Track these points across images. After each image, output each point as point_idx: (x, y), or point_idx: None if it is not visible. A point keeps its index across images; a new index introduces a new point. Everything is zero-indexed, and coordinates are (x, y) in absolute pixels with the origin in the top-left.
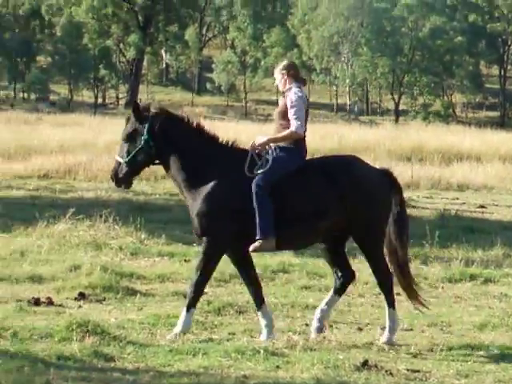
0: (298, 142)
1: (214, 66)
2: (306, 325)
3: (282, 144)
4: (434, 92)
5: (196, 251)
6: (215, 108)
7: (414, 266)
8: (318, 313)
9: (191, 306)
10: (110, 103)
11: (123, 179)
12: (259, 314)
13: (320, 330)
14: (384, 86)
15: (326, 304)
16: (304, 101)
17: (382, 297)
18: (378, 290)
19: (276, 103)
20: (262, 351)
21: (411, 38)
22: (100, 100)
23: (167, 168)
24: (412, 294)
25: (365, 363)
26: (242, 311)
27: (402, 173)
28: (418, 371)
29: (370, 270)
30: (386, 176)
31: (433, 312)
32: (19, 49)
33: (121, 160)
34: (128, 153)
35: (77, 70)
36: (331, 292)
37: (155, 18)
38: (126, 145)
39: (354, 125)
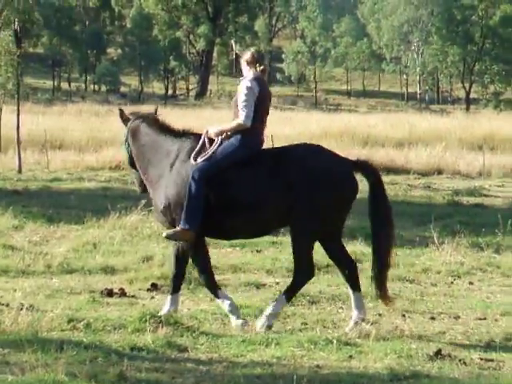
0: (247, 133)
1: (283, 56)
2: (379, 314)
3: (230, 134)
4: (505, 80)
5: (267, 241)
6: (285, 98)
7: (487, 255)
8: (355, 317)
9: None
10: (181, 94)
11: (136, 184)
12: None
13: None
14: (455, 75)
15: (356, 307)
16: (256, 92)
17: (456, 286)
18: (451, 278)
19: (346, 93)
20: (334, 341)
21: (482, 26)
22: (170, 91)
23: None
24: (384, 297)
25: (438, 352)
26: (314, 301)
27: (474, 161)
28: (492, 360)
29: (443, 259)
30: (356, 168)
31: (506, 300)
32: (90, 41)
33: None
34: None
35: (147, 61)
36: (350, 292)
37: (225, 8)
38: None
39: (425, 114)
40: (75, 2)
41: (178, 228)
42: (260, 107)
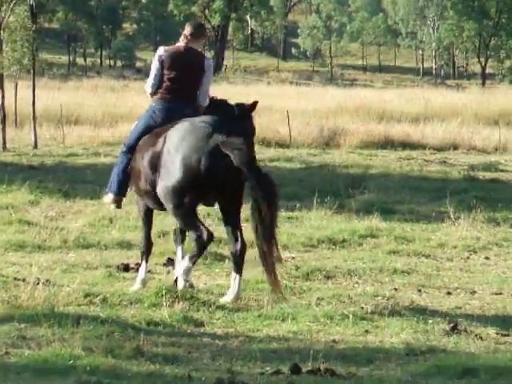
0: (154, 100)
1: (299, 31)
2: (395, 289)
3: None
4: None
5: (283, 216)
6: (301, 73)
7: (503, 230)
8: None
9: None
10: None
11: None
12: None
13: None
14: (470, 50)
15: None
16: (163, 60)
17: (472, 261)
18: (467, 253)
19: (362, 68)
20: (350, 316)
21: (497, 1)
22: None
23: None
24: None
25: (454, 327)
26: (330, 276)
27: (490, 136)
28: (508, 335)
29: (459, 234)
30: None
31: None
32: (105, 16)
33: None
34: None
35: (162, 36)
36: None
37: None
38: None
39: (441, 89)
40: None
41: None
42: (169, 76)
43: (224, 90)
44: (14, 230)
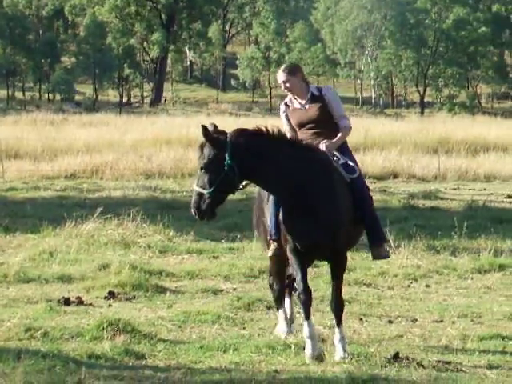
0: None
1: (238, 62)
2: None
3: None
4: (459, 83)
5: (224, 247)
6: (240, 104)
7: (443, 258)
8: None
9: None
10: (135, 102)
11: (208, 210)
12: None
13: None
14: (409, 79)
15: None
16: None
17: (413, 289)
18: (407, 282)
19: None
20: (292, 346)
21: (435, 30)
22: (125, 99)
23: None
24: None
25: (396, 355)
26: (271, 306)
27: (429, 165)
28: (450, 363)
29: (400, 262)
30: None
31: (462, 303)
32: (43, 50)
33: (203, 191)
34: (210, 182)
35: (101, 69)
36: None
37: (178, 15)
38: (207, 174)
39: (380, 118)
40: (28, 11)
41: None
42: None
43: (164, 122)
44: None
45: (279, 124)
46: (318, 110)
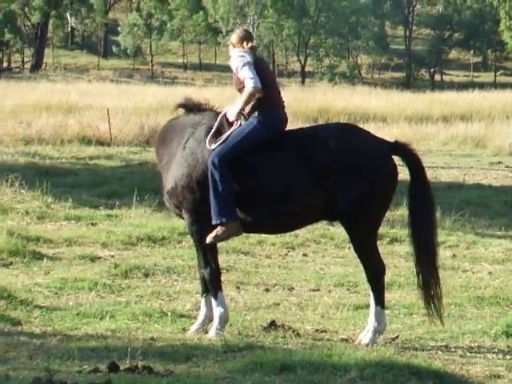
0: (264, 109)
1: (119, 29)
2: None
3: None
4: (339, 53)
5: (102, 215)
6: (122, 71)
7: (321, 227)
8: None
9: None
10: (16, 67)
11: None
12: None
13: None
14: (290, 48)
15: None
16: (250, 59)
17: (291, 258)
18: (285, 250)
19: (183, 66)
20: (169, 313)
21: (317, 0)
22: (5, 64)
23: None
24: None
25: (272, 323)
26: (149, 274)
27: None
28: (325, 331)
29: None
30: (394, 150)
31: (339, 272)
32: None
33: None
34: None
35: None
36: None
37: None
38: None
39: None
40: None
41: (218, 227)
42: (264, 76)
43: (45, 87)
44: None
45: (160, 91)
46: (234, 75)
